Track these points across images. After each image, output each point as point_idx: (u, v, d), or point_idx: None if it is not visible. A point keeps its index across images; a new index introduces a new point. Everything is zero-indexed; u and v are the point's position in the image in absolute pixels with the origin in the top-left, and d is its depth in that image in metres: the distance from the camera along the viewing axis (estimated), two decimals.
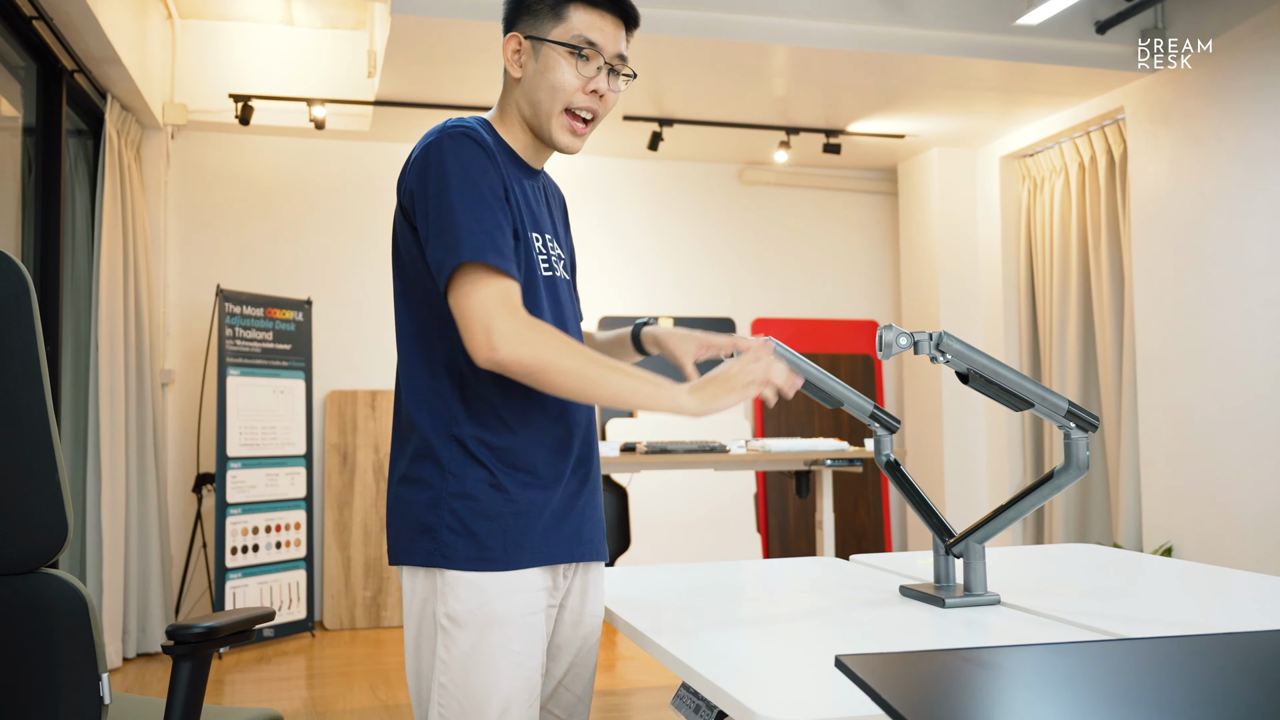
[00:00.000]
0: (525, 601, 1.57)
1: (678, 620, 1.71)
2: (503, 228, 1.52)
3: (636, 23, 1.68)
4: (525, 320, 1.49)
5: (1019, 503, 1.73)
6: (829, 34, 4.62)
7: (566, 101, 1.63)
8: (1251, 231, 4.52)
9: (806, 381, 1.96)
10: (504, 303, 1.48)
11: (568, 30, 1.62)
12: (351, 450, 5.80)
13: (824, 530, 4.74)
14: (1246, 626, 1.60)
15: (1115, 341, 5.46)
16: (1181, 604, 1.84)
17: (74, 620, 1.42)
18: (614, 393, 1.49)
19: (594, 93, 1.64)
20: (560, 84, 1.62)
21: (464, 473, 1.57)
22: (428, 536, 1.57)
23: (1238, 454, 4.58)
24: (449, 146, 1.55)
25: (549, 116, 1.64)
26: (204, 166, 5.86)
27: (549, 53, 1.62)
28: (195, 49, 5.72)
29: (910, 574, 2.08)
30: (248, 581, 5.18)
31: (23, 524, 1.40)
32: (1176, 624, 1.62)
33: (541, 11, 1.63)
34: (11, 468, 1.39)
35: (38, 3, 3.90)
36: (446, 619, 1.55)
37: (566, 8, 1.62)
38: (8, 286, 1.38)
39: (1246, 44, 4.53)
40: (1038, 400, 1.64)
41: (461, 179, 1.52)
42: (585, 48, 1.62)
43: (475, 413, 1.59)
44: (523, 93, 1.66)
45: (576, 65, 1.62)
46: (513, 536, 1.56)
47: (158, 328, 5.42)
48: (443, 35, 4.44)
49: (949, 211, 6.39)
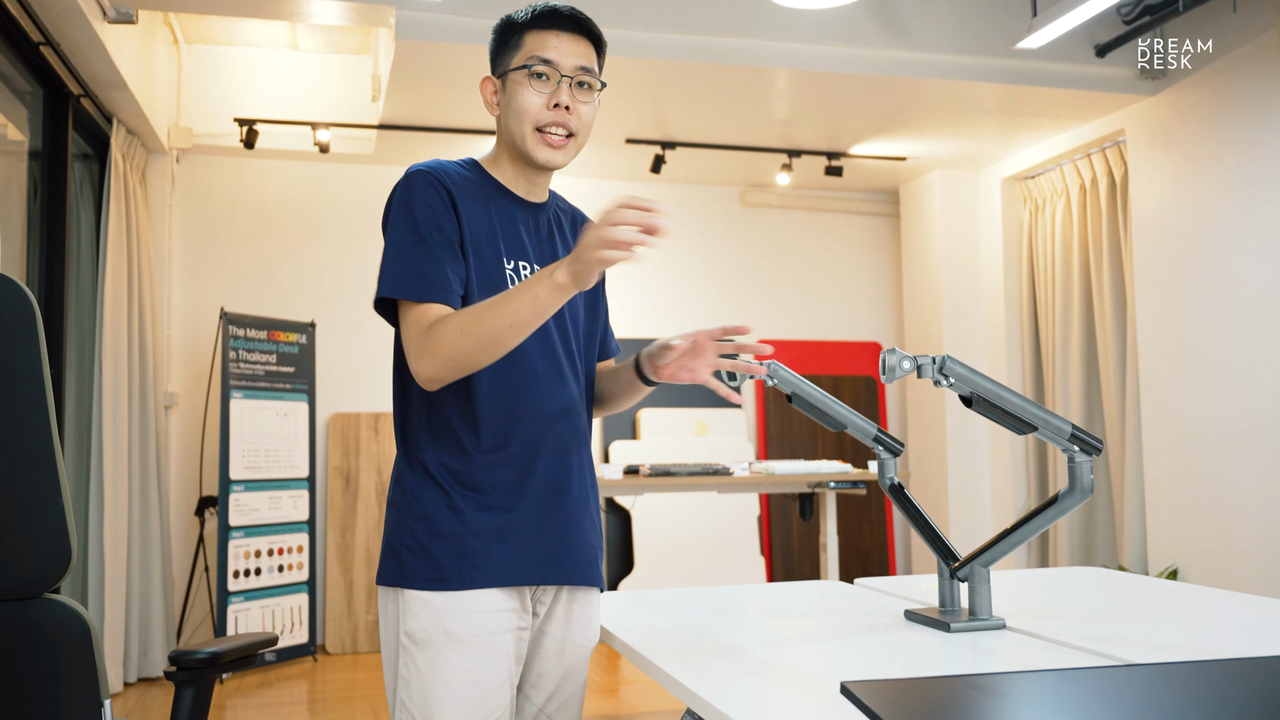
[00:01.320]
0: (484, 622, 1.59)
1: (682, 645, 1.70)
2: (434, 259, 1.59)
3: (591, 33, 1.73)
4: (425, 331, 1.55)
5: (1023, 526, 1.73)
6: (830, 58, 4.65)
7: (534, 121, 1.68)
8: (1253, 252, 4.52)
9: (811, 405, 1.96)
10: (415, 327, 1.57)
11: (524, 55, 1.69)
12: (354, 473, 5.80)
13: (828, 553, 4.73)
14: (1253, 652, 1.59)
15: (1118, 362, 5.45)
16: (1188, 629, 1.83)
17: (76, 646, 1.42)
18: (508, 323, 1.48)
19: (558, 106, 1.67)
20: (524, 105, 1.67)
21: (423, 494, 1.63)
22: (393, 557, 1.63)
23: (1243, 475, 4.57)
24: (400, 189, 1.65)
25: (523, 138, 1.69)
26: (209, 190, 5.88)
27: (511, 81, 1.70)
28: (201, 73, 5.75)
29: (915, 598, 2.07)
30: (250, 605, 5.16)
31: (26, 550, 1.40)
32: (1183, 649, 1.61)
33: (505, 50, 1.72)
34: (16, 493, 1.39)
35: (45, 29, 3.93)
36: (406, 638, 1.61)
37: (521, 36, 1.70)
38: (14, 312, 1.38)
39: (1245, 66, 4.55)
40: (1041, 424, 1.64)
41: (401, 219, 1.62)
42: (539, 65, 1.67)
43: (437, 436, 1.65)
44: (502, 127, 1.73)
45: (535, 85, 1.67)
46: (468, 557, 1.60)
47: (161, 350, 5.42)
48: (446, 60, 4.47)
49: (951, 233, 6.40)
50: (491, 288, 1.65)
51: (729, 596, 2.24)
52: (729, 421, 6.45)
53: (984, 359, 6.33)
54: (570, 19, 1.70)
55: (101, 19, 4.09)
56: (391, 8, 4.15)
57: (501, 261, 1.67)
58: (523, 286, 1.49)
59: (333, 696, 4.76)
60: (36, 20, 3.84)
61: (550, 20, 1.69)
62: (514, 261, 1.69)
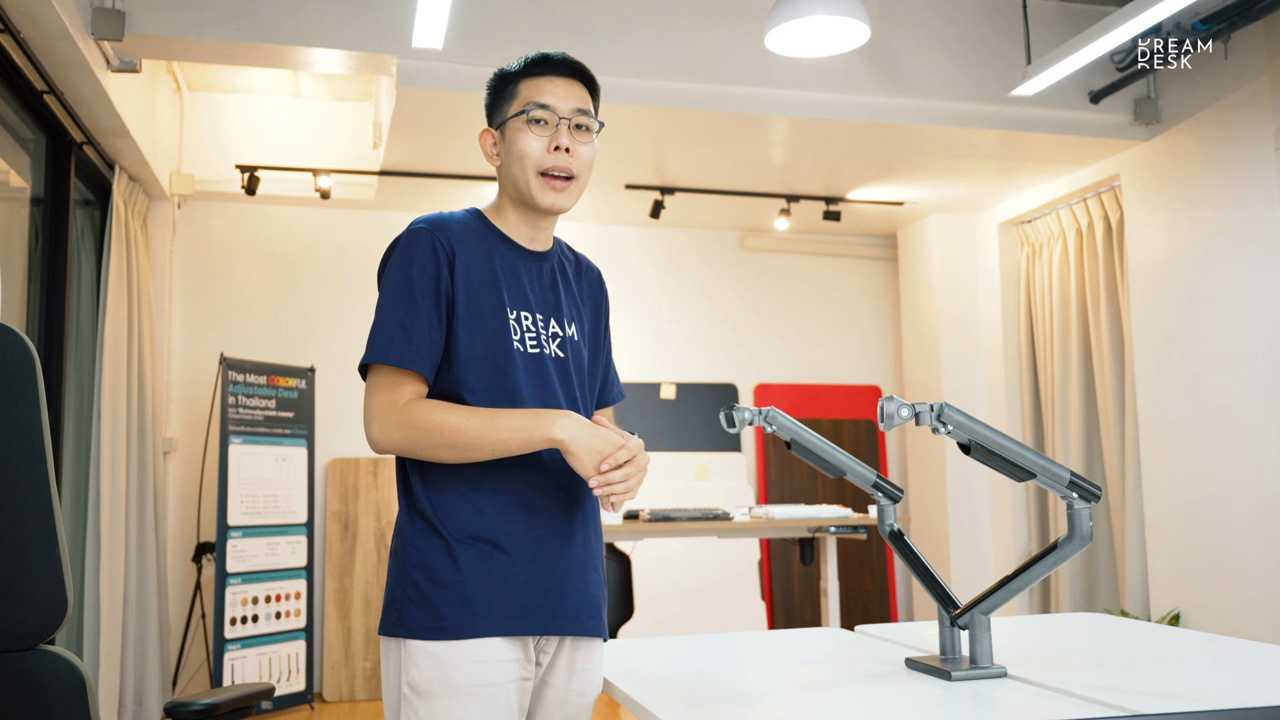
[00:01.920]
0: (486, 672, 1.58)
1: (683, 695, 1.69)
2: (419, 326, 1.63)
3: (584, 76, 1.76)
4: (402, 408, 1.60)
5: (1023, 574, 1.72)
6: (828, 105, 4.69)
7: (536, 165, 1.70)
8: (1249, 295, 4.53)
9: (810, 451, 1.96)
10: (388, 396, 1.62)
11: (520, 102, 1.72)
12: (353, 518, 5.78)
13: (829, 598, 4.70)
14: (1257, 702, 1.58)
15: (1117, 406, 5.45)
16: (1192, 677, 1.82)
17: (71, 698, 1.41)
18: (490, 446, 1.59)
19: (559, 149, 1.70)
20: (524, 151, 1.70)
21: (424, 544, 1.63)
22: (395, 608, 1.63)
23: (1244, 518, 4.55)
24: (400, 248, 1.68)
25: (526, 184, 1.71)
26: (210, 236, 5.91)
27: (510, 129, 1.72)
28: (203, 121, 5.80)
29: (916, 645, 2.06)
30: (246, 653, 5.12)
31: (23, 601, 1.39)
32: (1188, 699, 1.60)
33: (501, 100, 1.75)
34: (12, 545, 1.38)
35: (49, 77, 3.97)
36: (408, 688, 1.60)
37: (516, 85, 1.73)
38: (14, 363, 1.39)
39: (1237, 112, 4.59)
40: (1040, 471, 1.64)
41: (397, 280, 1.66)
42: (536, 110, 1.70)
43: (435, 486, 1.65)
44: (504, 176, 1.75)
45: (534, 130, 1.70)
46: (469, 606, 1.59)
47: (160, 396, 5.42)
48: (446, 107, 4.51)
49: (949, 277, 6.42)
50: (493, 337, 1.66)
51: (730, 644, 2.23)
52: (729, 466, 6.44)
53: (983, 402, 6.33)
54: (562, 64, 1.73)
55: (105, 68, 4.14)
56: (392, 56, 4.20)
57: (504, 311, 1.68)
58: (518, 422, 1.58)
59: None
60: (40, 69, 3.88)
61: (543, 66, 1.72)
62: (516, 311, 1.70)
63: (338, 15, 4.13)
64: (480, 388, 1.64)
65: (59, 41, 3.66)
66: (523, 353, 1.68)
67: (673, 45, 4.48)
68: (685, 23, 4.50)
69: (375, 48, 4.17)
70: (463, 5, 4.18)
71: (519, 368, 1.67)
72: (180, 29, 3.99)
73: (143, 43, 4.05)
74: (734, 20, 4.53)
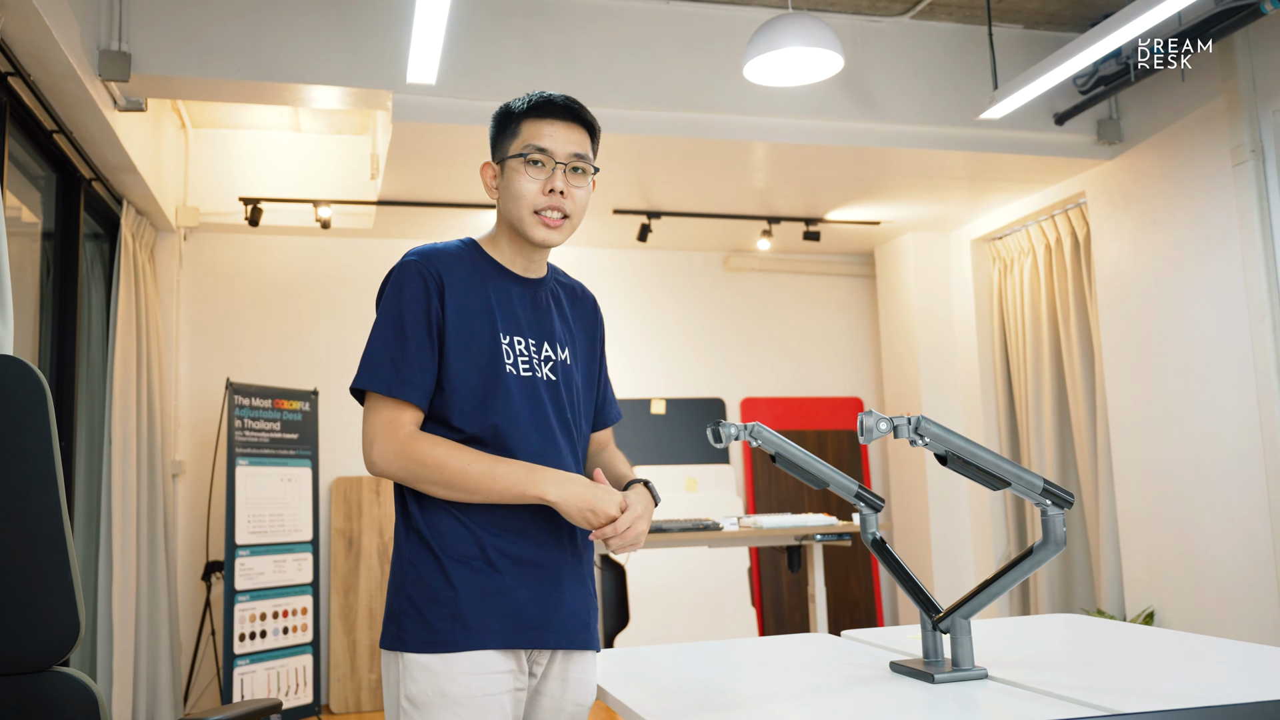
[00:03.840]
0: (481, 683, 1.58)
1: (678, 702, 1.68)
2: (408, 356, 1.63)
3: (584, 120, 1.75)
4: (406, 439, 1.61)
5: (1001, 579, 1.72)
6: (806, 130, 4.71)
7: (531, 205, 1.70)
8: (1211, 305, 4.56)
9: (793, 464, 1.96)
10: (384, 421, 1.62)
11: (520, 143, 1.72)
12: (357, 535, 5.75)
13: (816, 604, 4.69)
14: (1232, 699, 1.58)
15: (1089, 413, 5.46)
16: (1167, 674, 1.82)
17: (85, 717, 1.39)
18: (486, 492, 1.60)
19: (554, 191, 1.70)
20: (520, 191, 1.71)
21: (419, 561, 1.64)
22: (393, 622, 1.64)
23: (1214, 519, 4.56)
24: (393, 279, 1.69)
25: (520, 221, 1.72)
26: (215, 265, 5.90)
27: (509, 168, 1.73)
28: (207, 155, 5.80)
29: (900, 648, 2.05)
30: (255, 667, 5.08)
31: (36, 624, 1.38)
32: (1163, 695, 1.60)
33: (504, 137, 1.75)
34: (26, 569, 1.37)
35: (58, 117, 3.97)
36: (406, 701, 1.59)
37: (519, 125, 1.73)
38: (25, 394, 1.38)
39: (1195, 131, 4.62)
40: (1014, 479, 1.64)
41: (388, 312, 1.66)
42: (535, 154, 1.70)
43: (429, 506, 1.65)
44: (501, 209, 1.76)
45: (531, 172, 1.70)
46: (461, 620, 1.59)
47: (169, 420, 5.40)
48: (440, 140, 4.52)
49: (925, 293, 6.44)
50: (485, 362, 1.67)
51: (722, 651, 2.22)
52: (718, 477, 6.43)
53: (960, 412, 6.34)
54: (564, 108, 1.72)
55: (112, 107, 4.13)
56: (388, 92, 4.20)
57: (497, 337, 1.69)
58: (516, 475, 1.59)
59: None
60: (50, 109, 3.88)
61: (545, 110, 1.72)
62: (509, 336, 1.70)
63: (336, 53, 4.14)
64: (471, 409, 1.65)
65: (68, 83, 3.65)
66: (515, 376, 1.68)
67: (657, 77, 4.49)
68: (668, 55, 4.52)
69: (372, 84, 4.18)
70: (454, 43, 4.19)
71: (512, 391, 1.67)
72: (184, 69, 3.99)
73: (148, 83, 4.05)
74: (714, 52, 4.55)
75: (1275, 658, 1.87)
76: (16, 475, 1.37)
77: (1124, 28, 3.59)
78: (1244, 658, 1.90)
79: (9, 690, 1.39)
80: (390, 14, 4.19)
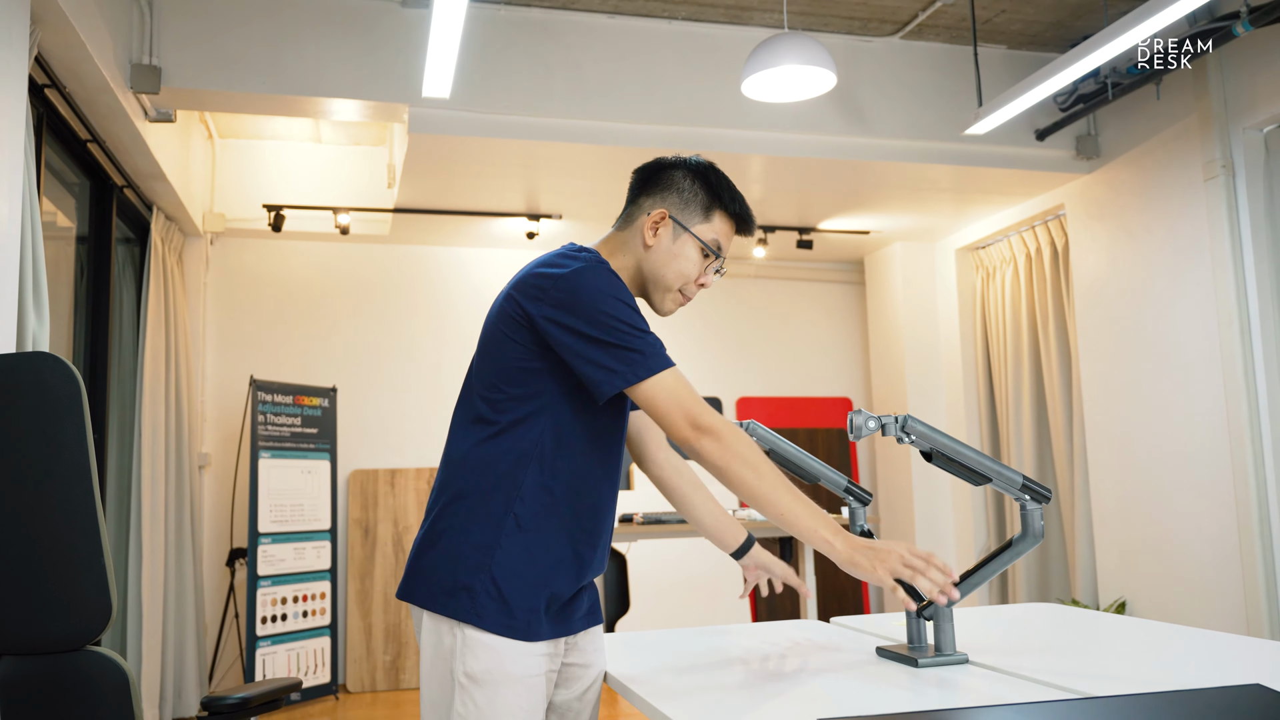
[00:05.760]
0: (534, 664, 1.60)
1: (674, 684, 1.68)
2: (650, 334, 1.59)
3: (753, 234, 1.79)
4: (726, 421, 1.57)
5: (981, 569, 1.72)
6: (800, 144, 4.71)
7: (682, 283, 1.71)
8: (1183, 313, 4.56)
9: (786, 460, 1.96)
10: (686, 392, 1.55)
11: (709, 230, 1.70)
12: (372, 525, 5.75)
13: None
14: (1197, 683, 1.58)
15: (1065, 413, 5.46)
16: (1138, 661, 1.82)
17: (116, 694, 1.40)
18: (779, 512, 1.54)
19: (702, 285, 1.72)
20: (686, 272, 1.70)
21: (512, 547, 1.58)
22: (468, 595, 1.56)
23: (1183, 514, 4.56)
24: (592, 276, 1.58)
25: (665, 290, 1.71)
26: (239, 269, 5.90)
27: (687, 242, 1.69)
28: (233, 164, 5.81)
29: (886, 635, 2.06)
30: (276, 649, 5.09)
31: (71, 606, 1.38)
32: (1134, 681, 1.60)
33: (694, 204, 1.70)
34: (61, 554, 1.38)
35: (92, 128, 3.97)
36: (465, 677, 1.56)
37: (715, 213, 1.70)
38: (61, 388, 1.39)
39: (1170, 147, 4.62)
40: (995, 476, 1.64)
41: (615, 303, 1.56)
42: (716, 250, 1.70)
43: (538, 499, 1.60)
44: (648, 257, 1.71)
45: (704, 262, 1.70)
46: (540, 614, 1.60)
47: (196, 415, 5.40)
48: (453, 150, 4.52)
49: (911, 299, 6.44)
50: None
51: (716, 636, 2.22)
52: None
53: (944, 410, 6.34)
54: (750, 228, 1.75)
55: (143, 118, 4.14)
56: (404, 105, 4.21)
57: None
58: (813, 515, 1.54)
59: None
60: (84, 120, 3.88)
61: (743, 224, 1.73)
62: None
63: (355, 68, 4.14)
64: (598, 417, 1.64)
65: (101, 95, 3.66)
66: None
67: (659, 92, 4.50)
68: (670, 72, 4.52)
69: (389, 98, 4.18)
70: (467, 59, 4.20)
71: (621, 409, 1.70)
72: (212, 82, 4.00)
73: (177, 95, 4.05)
74: (714, 70, 4.55)
75: (1239, 645, 1.88)
76: (53, 465, 1.38)
77: (1102, 49, 3.60)
78: (1210, 645, 1.90)
79: (46, 667, 1.39)
80: (407, 32, 4.20)
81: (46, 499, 1.38)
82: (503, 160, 4.67)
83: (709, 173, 1.73)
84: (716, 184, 1.71)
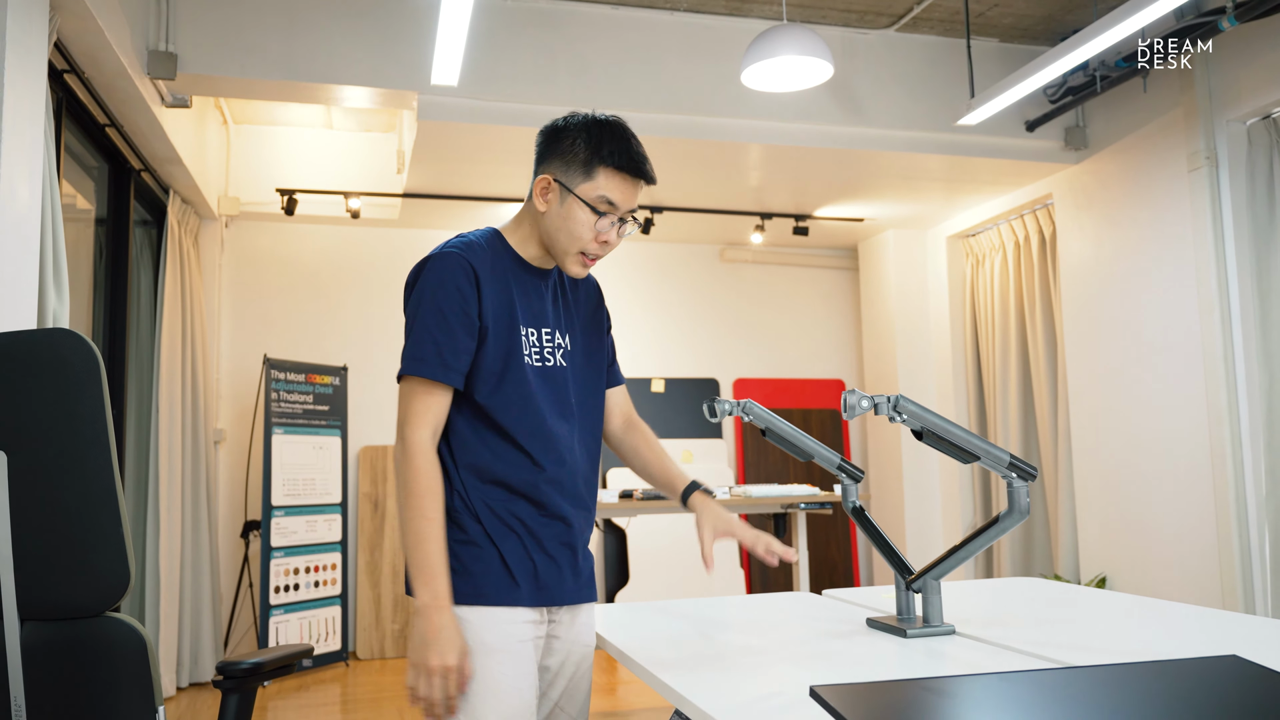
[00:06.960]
0: (513, 632, 1.59)
1: (671, 652, 1.69)
2: (453, 341, 1.58)
3: (652, 181, 1.68)
4: (426, 449, 1.57)
5: (969, 544, 1.72)
6: (796, 134, 4.69)
7: (581, 246, 1.64)
8: (1165, 299, 4.55)
9: (782, 438, 1.96)
10: (422, 405, 1.58)
11: (592, 189, 1.61)
12: (382, 499, 5.76)
13: (800, 566, 4.70)
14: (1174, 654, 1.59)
15: (1050, 396, 5.46)
16: (1117, 633, 1.82)
17: (134, 659, 1.40)
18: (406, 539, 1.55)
19: (604, 242, 1.65)
20: (577, 234, 1.63)
21: (466, 523, 1.61)
22: None
23: (1162, 493, 4.57)
24: (434, 270, 1.60)
25: (564, 254, 1.66)
26: (253, 251, 5.89)
27: (573, 204, 1.62)
28: (247, 149, 5.78)
29: (876, 606, 2.06)
30: (289, 617, 5.11)
31: (90, 574, 1.39)
32: (1114, 652, 1.61)
33: (574, 164, 1.62)
34: (81, 523, 1.38)
35: (110, 113, 3.95)
36: None
37: (596, 169, 1.61)
38: (80, 363, 1.38)
39: (1155, 139, 4.60)
40: (983, 454, 1.64)
41: (429, 300, 1.59)
42: (605, 207, 1.62)
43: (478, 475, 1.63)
44: (545, 224, 1.66)
45: (595, 221, 1.62)
46: (501, 579, 1.60)
47: (211, 392, 5.40)
48: (461, 137, 4.50)
49: (903, 284, 6.43)
50: (506, 353, 1.63)
51: (712, 607, 2.23)
52: (712, 450, 6.44)
53: (934, 392, 6.34)
54: (640, 170, 1.63)
55: (160, 104, 4.12)
56: (414, 93, 4.19)
57: (517, 328, 1.65)
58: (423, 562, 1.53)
59: (363, 698, 4.70)
60: (103, 105, 3.86)
61: (627, 168, 1.62)
62: (526, 328, 1.66)
63: (366, 56, 4.12)
64: (486, 394, 1.62)
65: (119, 80, 3.64)
66: (531, 366, 1.65)
67: (660, 82, 4.47)
68: (671, 62, 4.50)
69: (399, 85, 4.16)
70: (475, 48, 4.18)
71: (529, 380, 1.64)
72: (227, 69, 3.97)
73: (193, 81, 4.03)
74: (714, 60, 4.53)
75: (1215, 618, 1.88)
76: (73, 437, 1.38)
77: (1091, 42, 3.57)
78: (1186, 618, 1.91)
79: (67, 633, 1.40)
80: (416, 21, 4.17)
81: (66, 471, 1.38)
82: (508, 147, 4.65)
83: (591, 127, 1.63)
84: (598, 137, 1.62)
